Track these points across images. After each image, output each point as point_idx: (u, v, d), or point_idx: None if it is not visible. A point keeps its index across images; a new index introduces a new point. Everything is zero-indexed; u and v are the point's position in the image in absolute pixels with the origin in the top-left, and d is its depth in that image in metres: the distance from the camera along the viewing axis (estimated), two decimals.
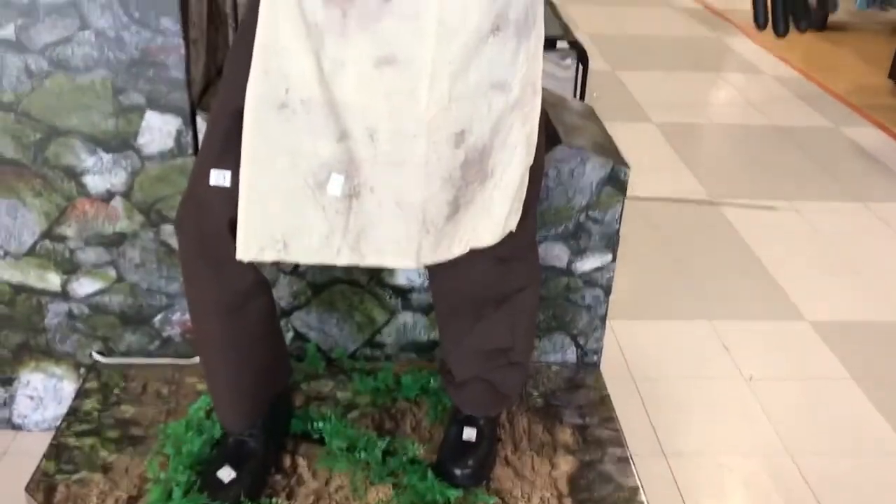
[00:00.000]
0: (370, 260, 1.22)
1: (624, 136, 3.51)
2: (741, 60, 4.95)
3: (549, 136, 1.52)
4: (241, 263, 1.19)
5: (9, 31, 1.43)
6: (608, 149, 1.70)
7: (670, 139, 3.69)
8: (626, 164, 1.65)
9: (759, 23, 1.08)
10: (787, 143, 3.71)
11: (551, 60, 2.77)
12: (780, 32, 1.07)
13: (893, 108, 4.08)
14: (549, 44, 2.77)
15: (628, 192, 1.67)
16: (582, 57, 2.85)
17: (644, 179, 2.98)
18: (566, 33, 3.01)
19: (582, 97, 2.93)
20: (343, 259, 1.21)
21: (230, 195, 1.17)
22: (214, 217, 1.20)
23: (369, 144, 1.15)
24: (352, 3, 1.06)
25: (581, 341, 1.79)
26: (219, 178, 1.18)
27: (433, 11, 1.06)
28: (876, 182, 3.32)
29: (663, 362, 2.15)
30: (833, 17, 5.48)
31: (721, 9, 6.03)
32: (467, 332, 1.43)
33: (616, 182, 1.64)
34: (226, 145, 1.18)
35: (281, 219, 1.16)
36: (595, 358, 1.80)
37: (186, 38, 1.47)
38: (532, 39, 1.20)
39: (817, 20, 5.38)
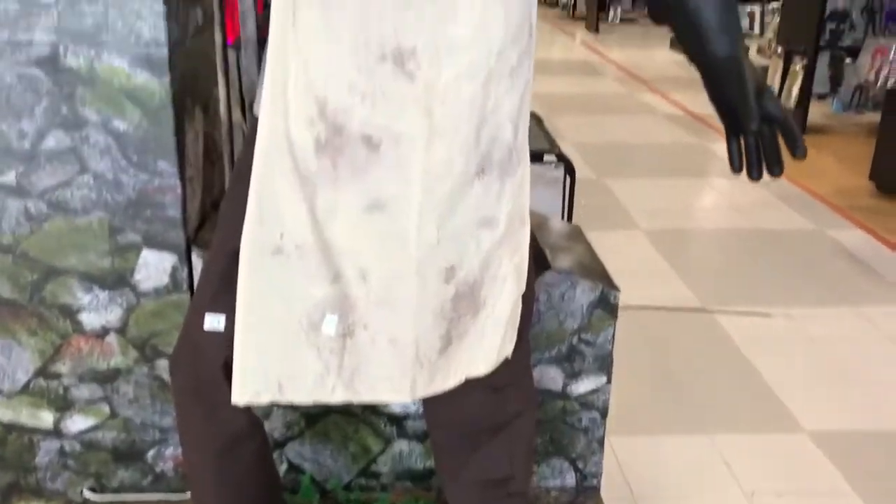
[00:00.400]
0: (365, 396, 1.22)
1: (613, 244, 3.57)
2: (725, 165, 5.04)
3: (538, 260, 1.55)
4: (235, 406, 1.19)
5: (10, 178, 1.47)
6: (596, 271, 1.73)
7: (659, 246, 3.74)
8: (615, 287, 1.68)
9: (735, 167, 1.12)
10: (774, 246, 3.76)
11: (539, 174, 2.84)
12: (755, 177, 1.11)
13: (875, 210, 4.16)
14: (537, 157, 2.85)
15: (620, 302, 1.69)
16: (569, 169, 2.92)
17: (635, 287, 3.01)
18: (552, 146, 3.09)
19: (570, 208, 3.00)
20: (338, 397, 1.21)
21: (225, 339, 1.18)
22: (209, 361, 1.21)
23: (362, 284, 1.17)
24: (342, 154, 1.10)
25: (580, 465, 1.77)
26: (213, 322, 1.19)
27: (419, 161, 1.10)
28: (864, 285, 3.35)
29: (664, 480, 2.12)
30: (811, 121, 5.64)
31: (702, 114, 6.22)
32: (464, 463, 1.42)
33: (606, 305, 1.67)
34: (221, 289, 1.20)
35: (276, 362, 1.17)
36: (594, 481, 1.78)
37: (183, 178, 1.52)
38: (517, 176, 1.23)
39: (797, 124, 5.54)
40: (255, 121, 1.19)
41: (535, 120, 3.42)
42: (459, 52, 1.06)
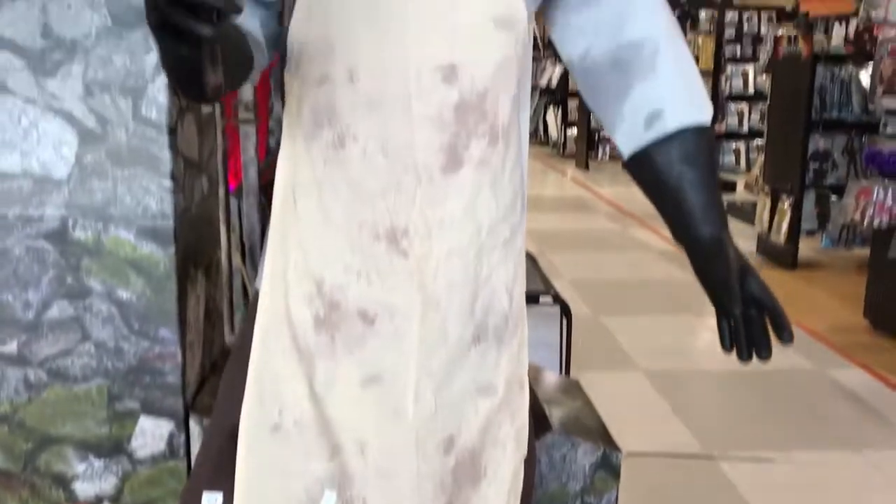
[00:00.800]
0: None
1: (612, 385, 3.56)
2: None
3: (538, 420, 1.54)
4: None
5: (12, 347, 1.48)
6: (597, 430, 1.72)
7: (658, 387, 3.72)
8: (617, 448, 1.66)
9: (725, 347, 1.12)
10: (773, 387, 3.74)
11: (536, 315, 2.85)
12: (744, 359, 1.11)
13: (873, 348, 4.17)
14: (533, 298, 2.87)
15: (622, 448, 1.67)
16: (565, 310, 2.94)
17: (636, 432, 2.98)
18: (548, 287, 3.13)
19: (568, 350, 3.00)
20: None
21: None
22: None
23: (360, 457, 1.16)
24: (338, 329, 1.12)
25: None
26: (210, 501, 1.18)
27: (414, 332, 1.11)
28: (866, 428, 3.32)
29: None
30: (802, 256, 5.73)
31: None
32: None
33: (608, 467, 1.64)
34: (219, 466, 1.19)
35: None
36: None
37: (183, 344, 1.53)
38: (515, 341, 1.24)
39: (788, 261, 5.63)
40: (256, 296, 1.21)
41: (531, 260, 3.47)
42: (449, 231, 1.09)
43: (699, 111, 1.12)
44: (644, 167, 1.13)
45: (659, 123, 1.11)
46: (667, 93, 1.11)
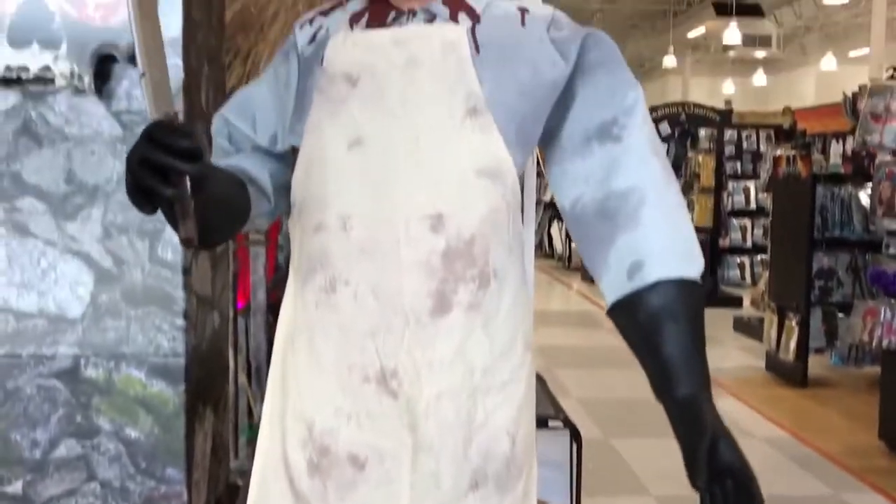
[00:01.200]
0: None
1: None
2: (731, 422, 4.84)
3: None
4: None
5: (16, 487, 1.47)
6: None
7: None
8: None
9: None
10: None
11: (544, 440, 2.80)
12: None
13: (890, 472, 4.07)
14: (541, 422, 2.82)
15: None
16: (575, 435, 2.89)
17: None
18: (557, 411, 3.09)
19: (578, 476, 2.93)
20: None
21: None
22: None
23: None
24: (329, 476, 1.11)
25: None
26: None
27: (405, 477, 1.09)
28: None
29: None
30: (812, 374, 5.68)
31: None
32: None
33: None
34: None
35: None
36: None
37: (189, 483, 1.52)
38: (519, 488, 1.19)
39: (797, 379, 5.58)
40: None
41: (538, 380, 3.43)
42: (439, 373, 1.08)
43: (683, 264, 1.08)
44: (625, 317, 1.10)
45: (640, 274, 1.07)
46: (650, 244, 1.08)
